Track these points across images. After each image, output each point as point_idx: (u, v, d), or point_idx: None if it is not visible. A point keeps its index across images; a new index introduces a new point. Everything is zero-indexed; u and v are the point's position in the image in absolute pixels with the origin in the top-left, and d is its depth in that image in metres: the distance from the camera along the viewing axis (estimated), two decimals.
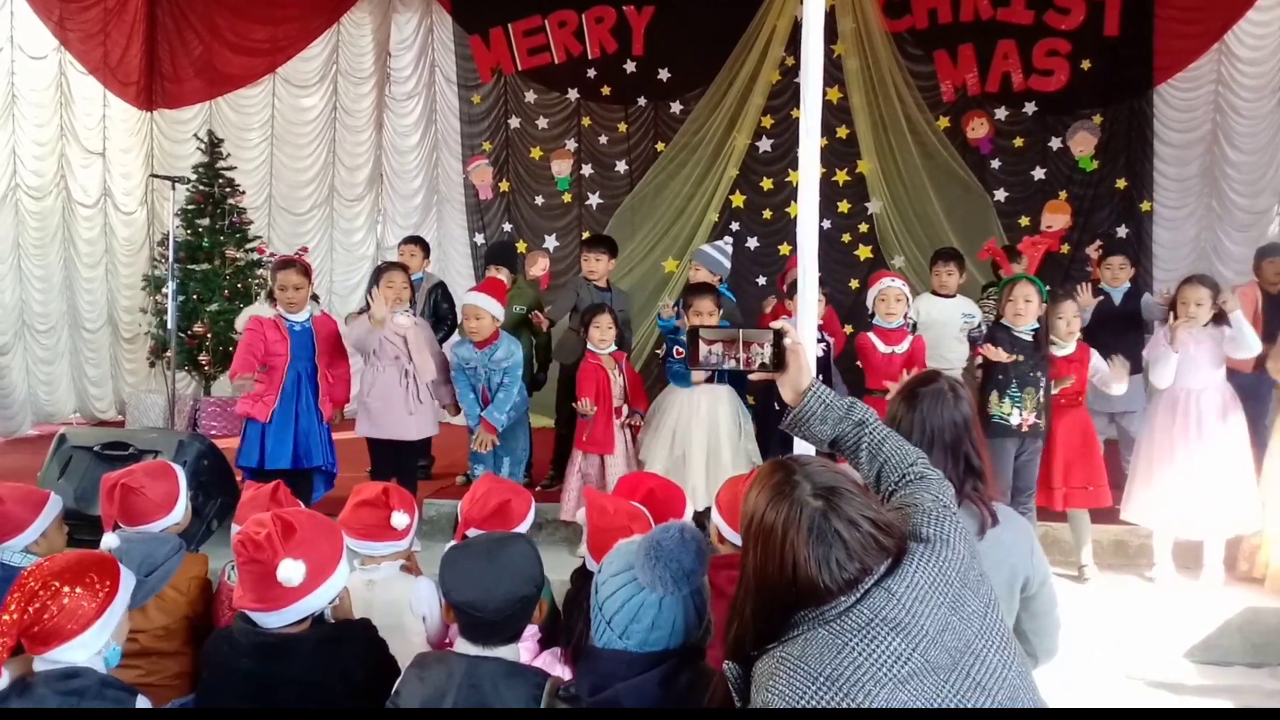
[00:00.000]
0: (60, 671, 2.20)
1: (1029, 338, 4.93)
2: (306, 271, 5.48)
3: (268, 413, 5.27)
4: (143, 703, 2.27)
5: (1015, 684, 1.63)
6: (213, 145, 8.96)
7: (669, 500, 2.99)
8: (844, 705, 1.50)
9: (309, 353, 5.42)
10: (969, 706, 1.55)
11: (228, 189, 8.90)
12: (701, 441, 5.34)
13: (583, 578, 2.79)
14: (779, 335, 2.08)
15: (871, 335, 5.45)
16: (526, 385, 5.78)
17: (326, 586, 2.42)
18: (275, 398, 5.28)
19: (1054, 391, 4.99)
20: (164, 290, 7.94)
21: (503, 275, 6.44)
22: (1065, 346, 5.08)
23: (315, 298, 5.77)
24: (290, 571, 2.29)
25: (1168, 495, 5.01)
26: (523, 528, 2.95)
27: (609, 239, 6.63)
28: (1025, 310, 4.90)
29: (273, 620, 2.36)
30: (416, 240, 7.06)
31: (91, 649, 2.24)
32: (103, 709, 2.20)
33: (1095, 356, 5.12)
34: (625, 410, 5.50)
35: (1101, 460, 5.15)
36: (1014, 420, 4.88)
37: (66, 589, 2.21)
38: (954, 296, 6.29)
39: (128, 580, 2.38)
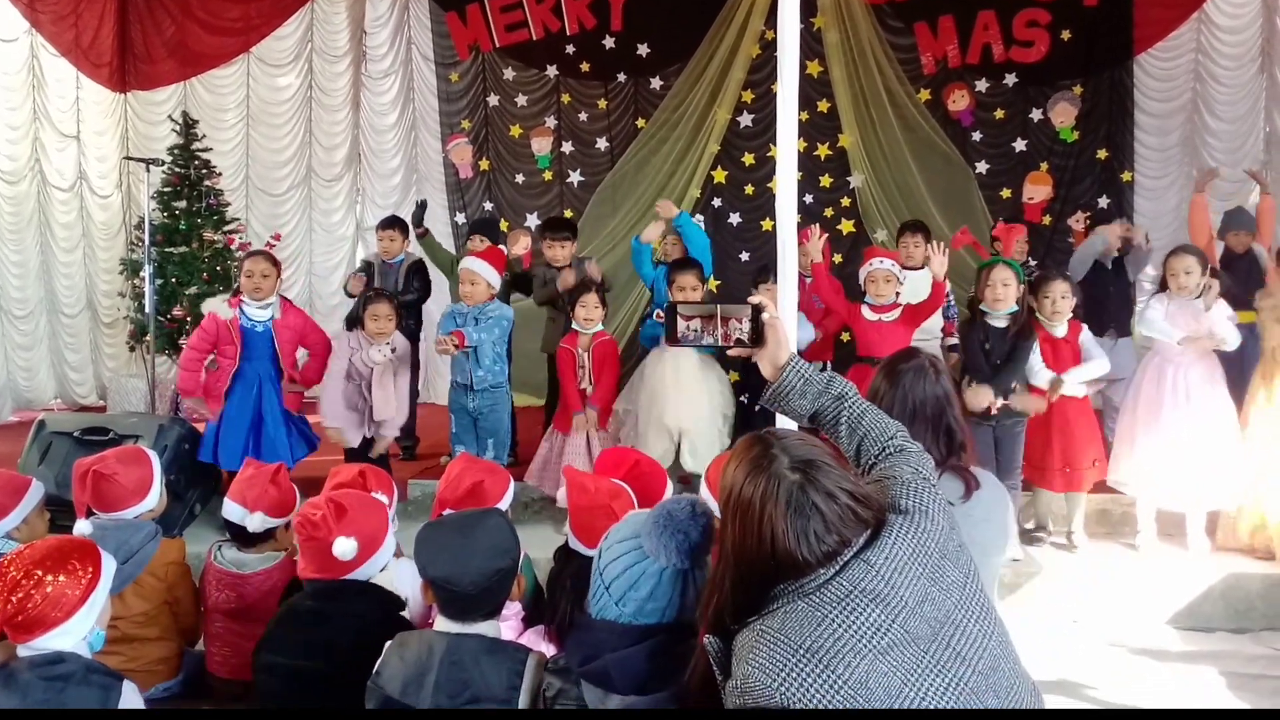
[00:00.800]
0: (45, 657, 2.19)
1: (1005, 323, 4.93)
2: (275, 262, 5.44)
3: (216, 411, 5.27)
4: (128, 688, 2.26)
5: (996, 653, 1.64)
6: (188, 127, 8.82)
7: (652, 475, 2.98)
8: (824, 677, 1.51)
9: (269, 354, 5.36)
10: (949, 677, 1.56)
11: (204, 170, 8.78)
12: (692, 408, 5.39)
13: (566, 556, 2.79)
14: (757, 310, 2.08)
15: (863, 306, 5.43)
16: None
17: (377, 557, 2.70)
18: (220, 397, 5.27)
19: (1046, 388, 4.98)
20: (142, 274, 7.86)
21: (483, 245, 6.44)
22: (1057, 326, 5.07)
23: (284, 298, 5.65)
24: (345, 547, 2.56)
25: (1153, 464, 5.05)
26: (499, 508, 2.94)
27: (570, 221, 6.55)
28: (1004, 294, 4.89)
29: None
30: (395, 223, 6.96)
31: (77, 635, 2.24)
32: (100, 710, 2.19)
33: (1085, 334, 5.12)
34: (589, 391, 5.51)
35: (1099, 433, 5.18)
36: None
37: (49, 577, 2.20)
38: (921, 268, 6.29)
39: (109, 565, 2.37)
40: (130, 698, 2.26)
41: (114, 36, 9.44)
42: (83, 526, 3.04)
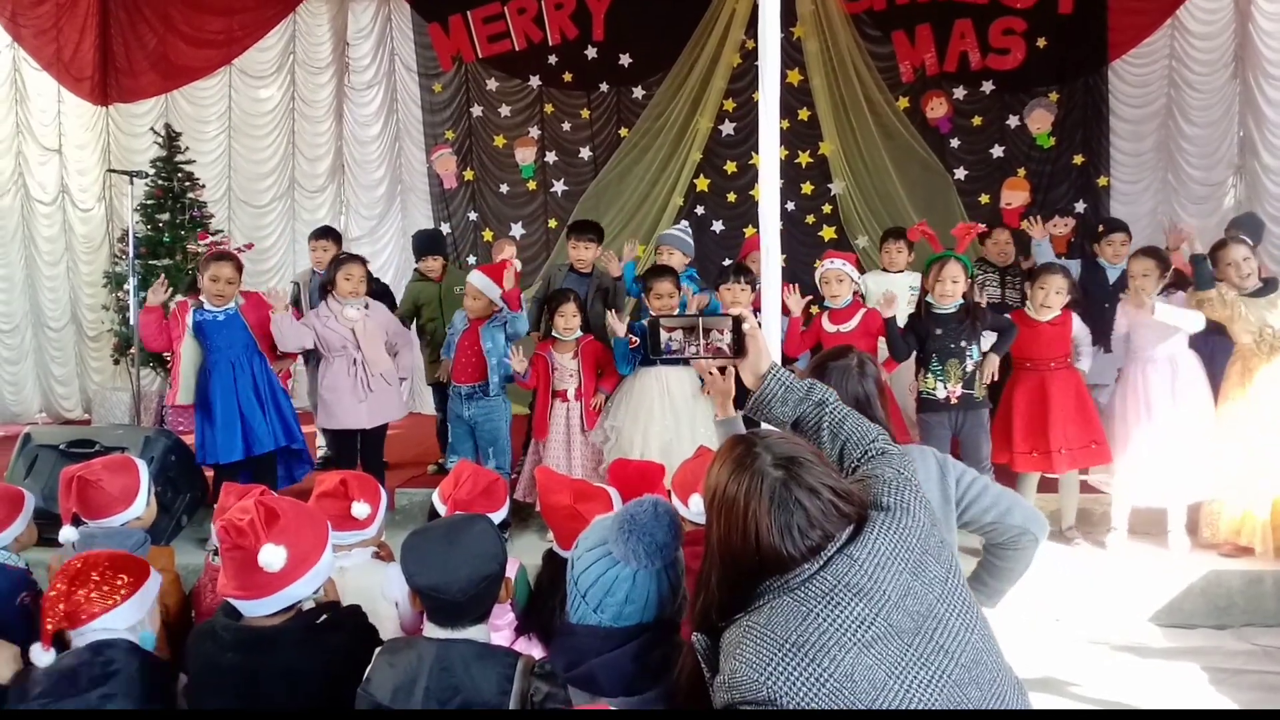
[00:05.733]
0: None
1: (952, 310, 5.03)
2: (240, 268, 5.42)
3: (173, 397, 5.34)
4: None
5: (978, 646, 1.66)
6: (170, 139, 8.82)
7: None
8: (810, 670, 1.53)
9: (241, 338, 5.33)
10: (933, 669, 1.58)
11: (187, 183, 8.78)
12: (689, 425, 5.37)
13: (552, 559, 2.81)
14: (738, 321, 2.12)
15: (824, 316, 5.55)
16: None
17: (310, 576, 2.38)
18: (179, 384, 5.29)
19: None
20: (125, 287, 7.84)
21: (436, 263, 6.56)
22: (1050, 312, 5.19)
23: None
24: (271, 556, 2.26)
25: (1133, 460, 5.13)
26: (503, 511, 2.98)
27: (596, 225, 6.58)
28: (952, 290, 5.00)
29: (257, 609, 2.33)
30: (328, 233, 6.95)
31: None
32: (99, 710, 2.20)
33: (1076, 322, 5.26)
34: (570, 393, 5.49)
35: (1097, 418, 5.26)
36: (940, 394, 4.99)
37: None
38: (903, 271, 6.46)
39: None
40: None
41: (95, 50, 9.42)
42: (68, 533, 3.04)
